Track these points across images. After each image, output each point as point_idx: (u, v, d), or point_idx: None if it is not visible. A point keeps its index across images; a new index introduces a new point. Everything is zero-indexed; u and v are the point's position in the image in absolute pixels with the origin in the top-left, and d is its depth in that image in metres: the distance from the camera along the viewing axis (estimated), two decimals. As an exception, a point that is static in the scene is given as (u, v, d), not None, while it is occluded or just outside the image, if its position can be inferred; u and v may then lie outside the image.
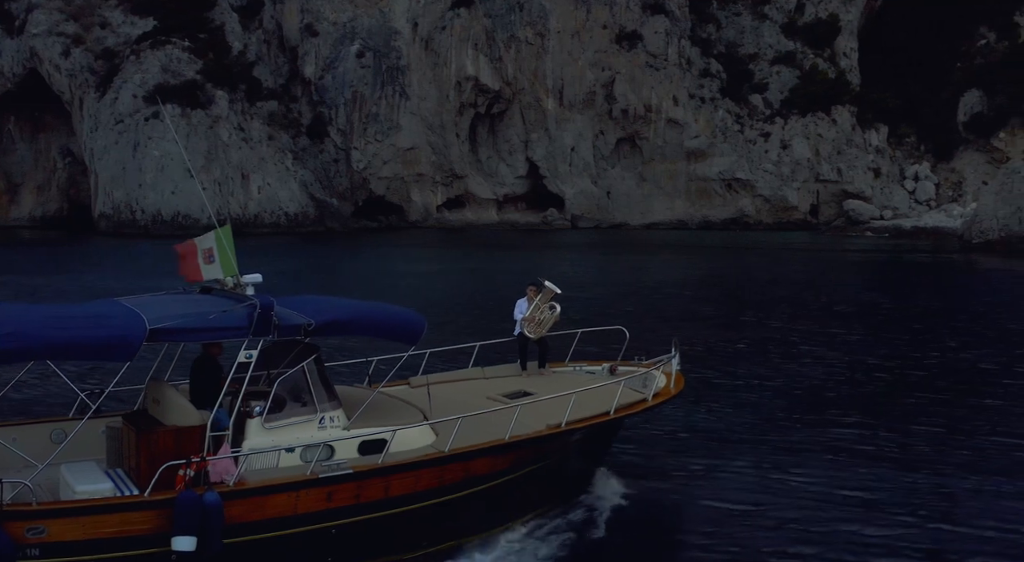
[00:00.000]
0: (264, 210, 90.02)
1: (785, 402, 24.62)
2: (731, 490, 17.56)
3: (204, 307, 12.84)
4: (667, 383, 16.91)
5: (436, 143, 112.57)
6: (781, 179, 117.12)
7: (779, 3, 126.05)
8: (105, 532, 11.08)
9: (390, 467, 12.61)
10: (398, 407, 14.33)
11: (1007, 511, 17.09)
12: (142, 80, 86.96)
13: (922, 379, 28.49)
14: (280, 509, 11.89)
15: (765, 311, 42.34)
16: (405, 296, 42.52)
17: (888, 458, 20.03)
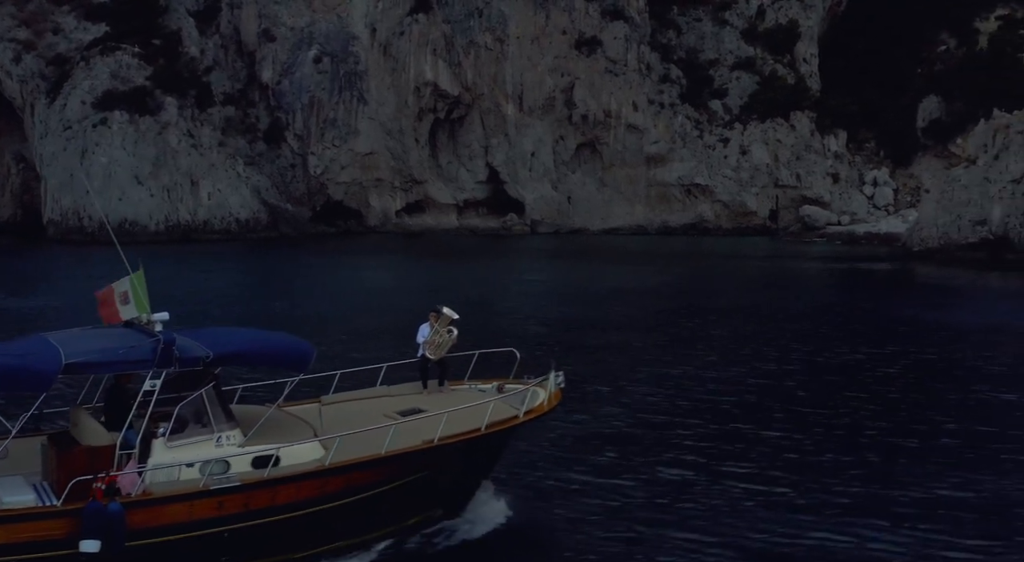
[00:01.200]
0: (214, 216, 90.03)
1: (673, 416, 25.32)
2: (609, 500, 18.45)
3: (116, 342, 14.52)
4: (543, 400, 17.75)
5: (395, 148, 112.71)
6: (740, 184, 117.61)
7: (740, 9, 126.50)
8: (24, 537, 12.92)
9: (276, 479, 14.29)
10: (294, 424, 15.72)
11: (893, 518, 17.81)
12: (91, 86, 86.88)
13: (809, 390, 29.04)
14: (176, 516, 13.63)
15: (678, 323, 42.78)
16: (329, 311, 42.79)
17: (776, 464, 20.85)
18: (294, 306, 44.56)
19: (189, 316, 39.94)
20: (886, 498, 18.74)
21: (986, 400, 26.31)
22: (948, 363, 33.18)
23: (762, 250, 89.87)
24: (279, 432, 15.13)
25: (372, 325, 35.80)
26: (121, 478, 13.54)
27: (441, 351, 18.68)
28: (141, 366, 14.19)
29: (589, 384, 27.96)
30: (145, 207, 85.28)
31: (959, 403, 26.53)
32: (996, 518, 17.89)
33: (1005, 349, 33.73)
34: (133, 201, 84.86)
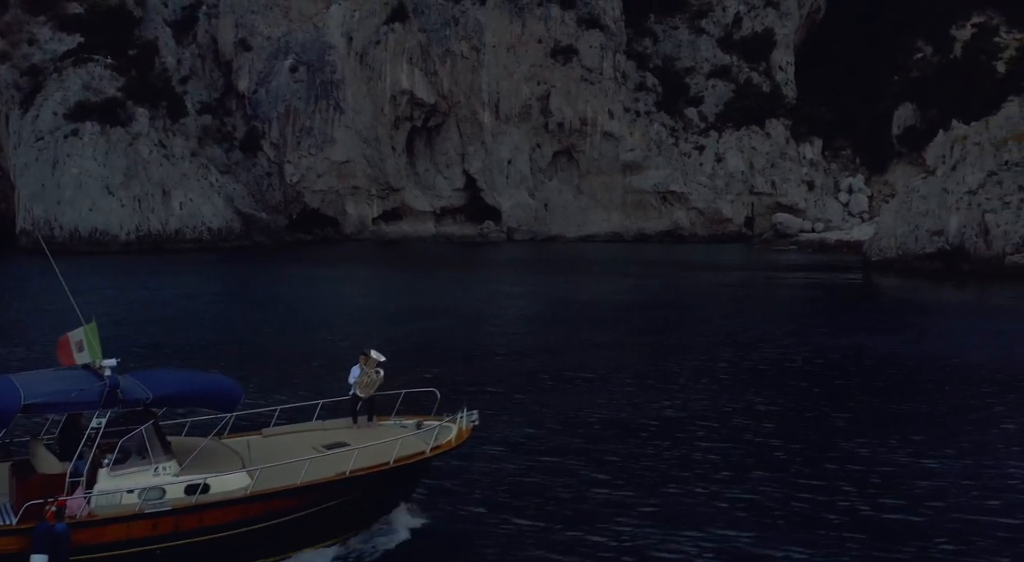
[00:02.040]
0: (186, 225, 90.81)
1: (589, 441, 26.24)
2: (520, 519, 19.82)
3: (69, 384, 16.33)
4: (452, 437, 19.32)
5: (372, 156, 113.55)
6: (715, 192, 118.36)
7: (716, 17, 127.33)
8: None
9: (203, 504, 16.11)
10: (226, 455, 17.53)
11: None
12: (63, 97, 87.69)
13: (736, 417, 30.00)
14: (116, 535, 15.50)
15: (631, 344, 43.59)
16: (286, 333, 43.33)
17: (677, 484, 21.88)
18: (253, 330, 44.90)
19: (147, 336, 40.92)
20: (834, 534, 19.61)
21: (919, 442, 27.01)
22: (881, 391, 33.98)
23: (731, 259, 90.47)
24: (211, 463, 16.97)
25: (323, 353, 36.51)
26: (70, 502, 15.41)
27: (370, 390, 20.43)
28: (89, 406, 16.02)
29: (519, 411, 28.99)
30: (116, 217, 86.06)
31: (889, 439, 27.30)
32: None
33: (946, 384, 34.20)
34: (104, 211, 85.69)
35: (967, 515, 20.11)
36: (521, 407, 29.47)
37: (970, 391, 31.64)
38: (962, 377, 33.86)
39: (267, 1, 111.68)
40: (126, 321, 44.30)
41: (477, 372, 34.87)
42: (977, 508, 20.50)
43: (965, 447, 25.05)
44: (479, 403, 23.56)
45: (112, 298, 53.51)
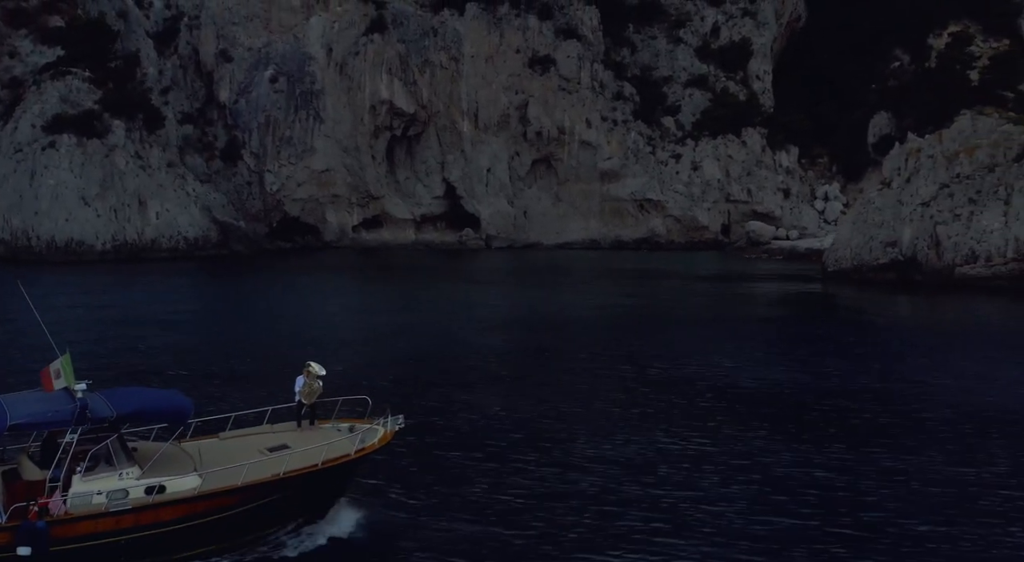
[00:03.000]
0: (162, 235, 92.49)
1: (511, 444, 28.57)
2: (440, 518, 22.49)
3: (47, 406, 19.35)
4: (377, 439, 22.15)
5: (351, 165, 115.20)
6: (692, 200, 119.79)
7: (694, 27, 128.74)
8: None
9: (159, 503, 19.12)
10: (182, 459, 20.40)
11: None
12: (41, 110, 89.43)
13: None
14: (86, 529, 18.60)
15: (577, 358, 45.35)
16: (248, 343, 45.20)
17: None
18: (218, 340, 46.69)
19: (118, 348, 42.68)
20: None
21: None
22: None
23: (697, 269, 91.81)
24: (168, 467, 19.80)
25: (280, 361, 38.33)
26: (50, 503, 18.54)
27: (312, 397, 23.42)
28: (64, 424, 19.09)
29: (454, 415, 31.69)
30: (92, 227, 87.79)
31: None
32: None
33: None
34: (80, 222, 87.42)
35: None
36: (455, 411, 32.17)
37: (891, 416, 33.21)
38: (887, 403, 35.35)
39: (248, 13, 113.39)
40: (98, 333, 46.22)
41: (418, 379, 37.68)
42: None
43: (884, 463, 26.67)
44: (418, 408, 29.18)
45: (85, 310, 55.25)
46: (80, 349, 40.93)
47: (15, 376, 32.69)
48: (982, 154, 72.77)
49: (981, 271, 70.34)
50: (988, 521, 22.44)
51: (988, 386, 36.77)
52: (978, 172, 72.58)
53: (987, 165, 72.23)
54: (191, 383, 32.84)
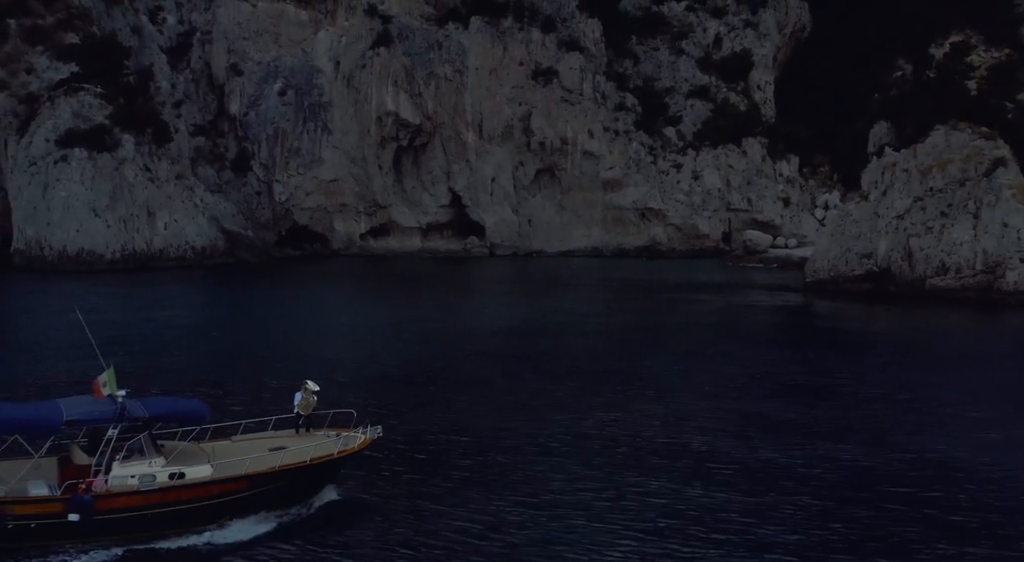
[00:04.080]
0: (170, 244, 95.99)
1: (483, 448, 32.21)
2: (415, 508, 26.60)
3: (95, 408, 24.54)
4: (357, 444, 27.13)
5: (359, 175, 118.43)
6: (692, 208, 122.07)
7: (696, 38, 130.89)
8: (41, 511, 22.81)
9: (180, 485, 24.16)
10: (199, 454, 25.64)
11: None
12: (54, 125, 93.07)
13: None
14: (122, 504, 23.54)
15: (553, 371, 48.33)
16: (254, 356, 48.55)
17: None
18: (228, 354, 50.03)
19: (138, 359, 46.02)
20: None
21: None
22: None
23: (692, 276, 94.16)
24: (188, 459, 25.06)
25: (283, 375, 41.45)
26: (95, 482, 23.53)
27: (308, 409, 28.47)
28: (107, 422, 24.12)
29: (428, 423, 35.11)
30: (102, 237, 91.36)
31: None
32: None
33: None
34: (90, 232, 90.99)
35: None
36: (437, 420, 35.58)
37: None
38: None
39: (258, 28, 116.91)
40: (110, 344, 49.61)
41: (410, 390, 40.93)
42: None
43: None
44: (404, 417, 34.99)
45: (97, 320, 58.77)
46: (60, 361, 44.42)
47: (67, 382, 38.00)
48: (954, 168, 74.79)
49: (950, 283, 72.37)
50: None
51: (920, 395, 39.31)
52: (950, 186, 74.62)
53: (959, 179, 74.25)
54: (206, 395, 36.18)
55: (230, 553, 23.59)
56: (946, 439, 32.96)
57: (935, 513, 25.94)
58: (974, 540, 24.08)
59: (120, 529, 23.32)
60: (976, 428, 34.56)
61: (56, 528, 22.59)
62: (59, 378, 39.82)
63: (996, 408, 37.74)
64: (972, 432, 34.02)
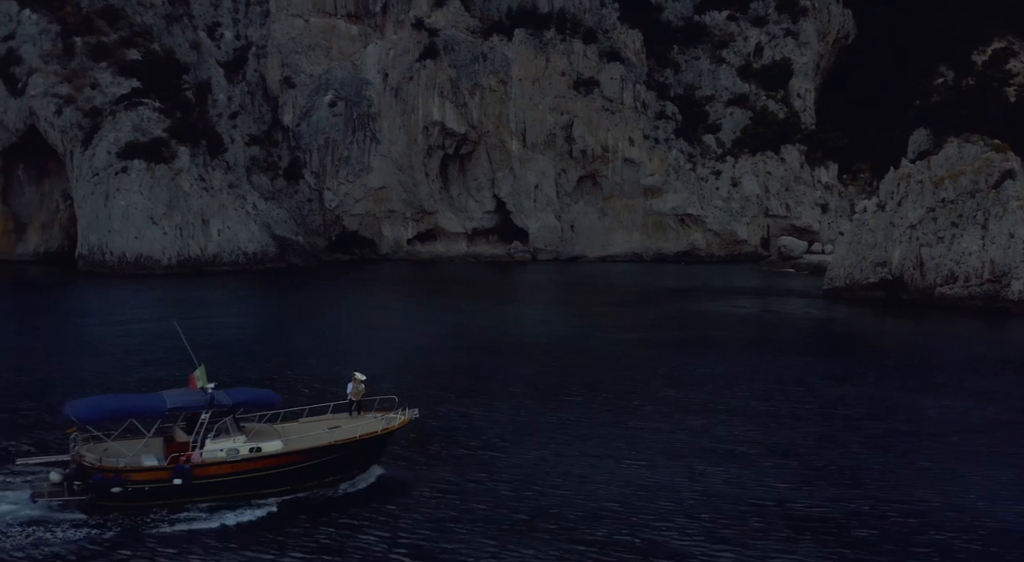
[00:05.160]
0: (223, 250, 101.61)
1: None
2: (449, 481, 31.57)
3: (191, 397, 29.81)
4: (397, 424, 32.43)
5: (406, 182, 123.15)
6: (731, 214, 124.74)
7: (737, 47, 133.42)
8: (152, 476, 28.29)
9: (257, 456, 29.47)
10: (272, 432, 31.16)
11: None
12: (115, 138, 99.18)
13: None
14: (213, 471, 28.92)
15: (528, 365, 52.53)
16: (306, 352, 53.64)
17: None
18: (291, 350, 55.24)
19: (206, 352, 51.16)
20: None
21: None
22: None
23: (727, 281, 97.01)
24: (264, 436, 30.54)
25: (338, 368, 46.67)
26: (192, 455, 28.94)
27: (358, 396, 33.69)
28: (200, 409, 29.45)
29: (461, 410, 39.30)
30: (159, 244, 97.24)
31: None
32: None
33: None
34: (148, 239, 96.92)
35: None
36: (468, 407, 40.86)
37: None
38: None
39: (310, 42, 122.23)
40: (174, 343, 55.17)
41: (446, 381, 46.13)
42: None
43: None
44: (435, 402, 40.54)
45: (153, 322, 64.23)
46: (150, 358, 49.78)
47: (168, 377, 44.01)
48: (965, 180, 76.99)
49: (959, 291, 74.64)
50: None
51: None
52: (961, 197, 76.83)
53: (969, 190, 76.44)
54: (276, 385, 41.01)
55: (296, 511, 28.81)
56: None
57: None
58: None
59: (212, 491, 28.92)
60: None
61: (164, 490, 28.32)
62: (160, 374, 45.57)
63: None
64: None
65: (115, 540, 25.56)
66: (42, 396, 41.39)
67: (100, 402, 29.65)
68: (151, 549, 25.23)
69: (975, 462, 33.41)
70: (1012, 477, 31.63)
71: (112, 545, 25.21)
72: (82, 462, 28.06)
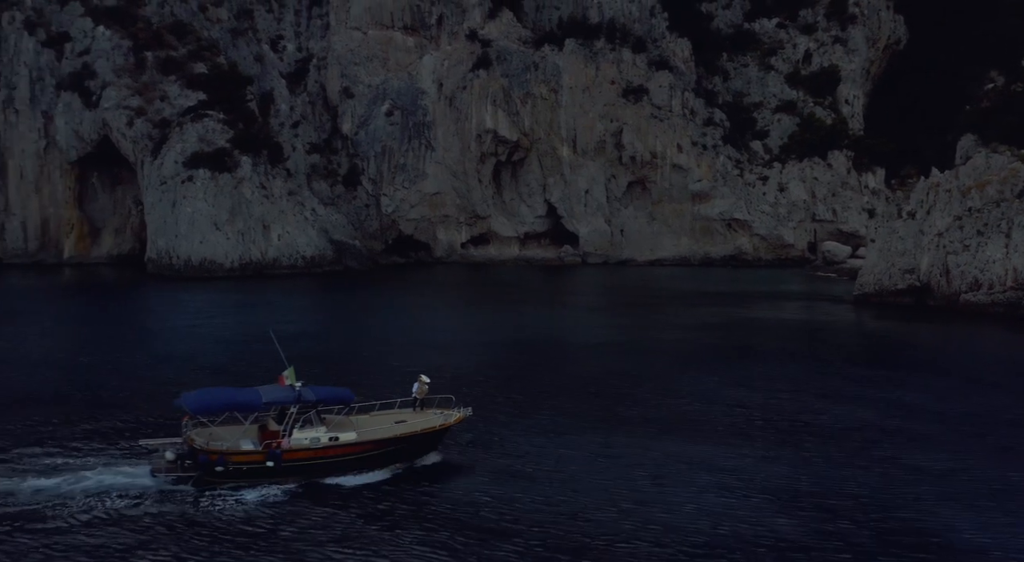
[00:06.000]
0: (282, 254, 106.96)
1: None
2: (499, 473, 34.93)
3: (281, 393, 34.09)
4: (453, 420, 36.46)
5: (460, 188, 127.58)
6: (777, 219, 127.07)
7: (786, 54, 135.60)
8: (249, 459, 32.70)
9: (336, 444, 33.74)
10: (348, 424, 35.12)
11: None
12: (182, 148, 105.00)
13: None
14: (299, 456, 33.12)
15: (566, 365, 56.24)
16: (370, 352, 58.07)
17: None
18: (358, 352, 59.39)
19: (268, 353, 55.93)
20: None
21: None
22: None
23: (768, 285, 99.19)
24: (341, 427, 34.60)
25: (404, 370, 50.51)
26: (282, 442, 33.19)
27: (422, 395, 37.96)
28: (289, 403, 33.69)
29: (510, 409, 43.03)
30: (222, 248, 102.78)
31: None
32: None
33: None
34: (212, 243, 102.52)
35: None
36: (512, 404, 44.73)
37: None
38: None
39: (368, 54, 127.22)
40: (241, 344, 59.95)
41: (498, 382, 49.88)
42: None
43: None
44: (487, 400, 44.22)
45: (222, 324, 69.21)
46: (241, 357, 54.69)
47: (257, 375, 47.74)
48: (991, 190, 78.95)
49: (982, 298, 76.71)
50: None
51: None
52: (987, 206, 78.83)
53: (995, 200, 78.42)
54: (352, 384, 44.32)
55: (367, 490, 33.04)
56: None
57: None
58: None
59: (297, 472, 33.21)
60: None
61: (258, 470, 32.80)
62: (254, 372, 49.55)
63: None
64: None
65: (217, 509, 30.44)
66: (155, 389, 46.30)
67: (208, 395, 34.42)
68: (247, 518, 29.89)
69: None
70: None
71: (215, 513, 30.08)
72: (192, 445, 32.79)
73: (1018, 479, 33.65)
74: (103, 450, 35.72)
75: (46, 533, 27.82)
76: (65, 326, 69.70)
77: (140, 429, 38.74)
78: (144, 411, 42.21)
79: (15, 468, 33.43)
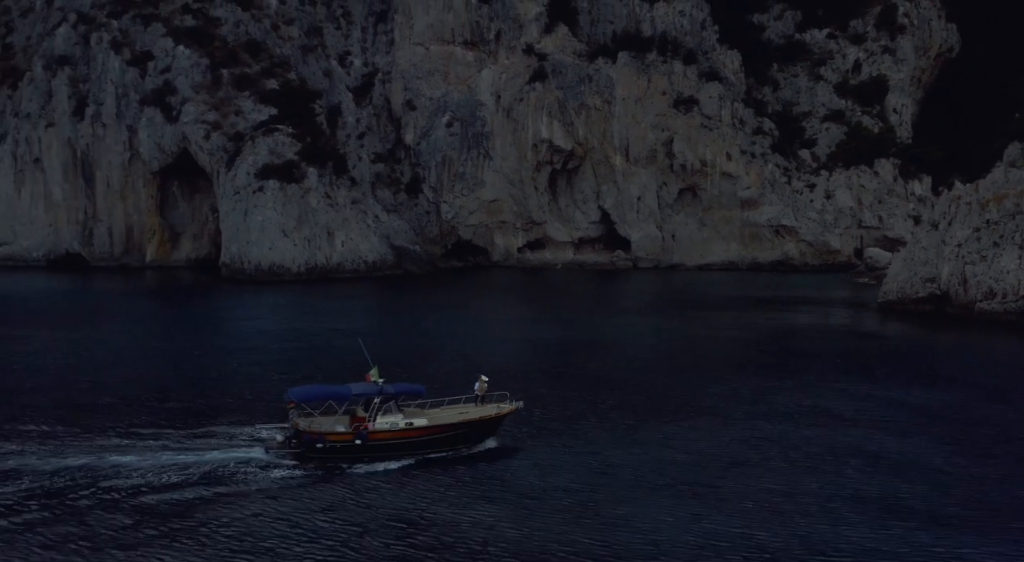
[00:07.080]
0: (345, 259, 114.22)
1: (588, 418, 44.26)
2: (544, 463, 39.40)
3: (368, 388, 39.69)
4: (506, 411, 41.27)
5: (516, 195, 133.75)
6: (824, 226, 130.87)
7: (835, 64, 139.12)
8: (342, 439, 38.70)
9: (411, 428, 39.02)
10: (420, 413, 40.31)
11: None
12: (254, 160, 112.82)
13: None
14: (382, 437, 38.86)
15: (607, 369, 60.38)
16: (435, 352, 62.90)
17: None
18: (425, 354, 63.43)
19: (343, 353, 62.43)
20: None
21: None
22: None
23: (810, 291, 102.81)
24: (416, 415, 39.79)
25: (466, 371, 54.18)
26: (368, 426, 38.38)
27: (482, 391, 42.75)
28: (373, 395, 38.92)
29: (558, 406, 45.82)
30: (289, 254, 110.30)
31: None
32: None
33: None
34: (280, 249, 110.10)
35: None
36: (561, 399, 49.45)
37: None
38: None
39: (430, 68, 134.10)
40: (314, 345, 66.03)
41: (544, 377, 54.87)
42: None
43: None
44: (536, 397, 48.07)
45: (289, 327, 75.42)
46: (306, 356, 60.96)
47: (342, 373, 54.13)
48: (1009, 202, 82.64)
49: (996, 307, 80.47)
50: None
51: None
52: (1004, 218, 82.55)
53: (1012, 212, 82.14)
54: (423, 381, 48.68)
55: (435, 464, 38.34)
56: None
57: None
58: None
59: (381, 450, 38.55)
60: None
61: (349, 448, 38.33)
62: (337, 368, 55.14)
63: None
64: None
65: (318, 478, 36.67)
66: (261, 383, 53.00)
67: (310, 389, 41.04)
68: (341, 484, 36.01)
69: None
70: None
71: (316, 481, 36.28)
72: (297, 428, 38.70)
73: None
74: (227, 432, 42.81)
75: (209, 483, 35.41)
76: (159, 325, 75.97)
77: (258, 416, 45.49)
78: (252, 402, 48.90)
79: (176, 444, 40.64)
